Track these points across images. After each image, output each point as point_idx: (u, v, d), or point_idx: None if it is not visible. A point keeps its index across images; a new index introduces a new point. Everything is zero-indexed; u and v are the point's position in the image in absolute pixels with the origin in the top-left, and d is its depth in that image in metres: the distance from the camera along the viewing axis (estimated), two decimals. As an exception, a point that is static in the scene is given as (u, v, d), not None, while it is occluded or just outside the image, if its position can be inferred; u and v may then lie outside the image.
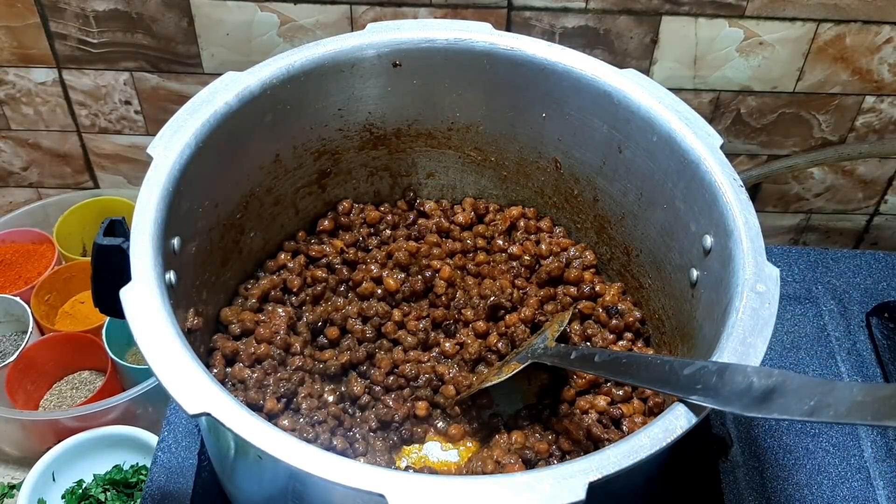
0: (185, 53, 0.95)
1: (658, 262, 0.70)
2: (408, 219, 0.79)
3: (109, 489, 0.97)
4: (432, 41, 0.68)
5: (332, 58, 0.67)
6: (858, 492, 0.73)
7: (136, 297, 0.51)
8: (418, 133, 0.76)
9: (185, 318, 0.61)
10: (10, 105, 1.02)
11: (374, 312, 0.72)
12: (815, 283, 0.89)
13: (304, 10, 0.90)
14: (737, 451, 0.75)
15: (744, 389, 0.45)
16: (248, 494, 0.62)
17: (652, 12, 0.89)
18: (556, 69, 0.67)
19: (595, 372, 0.58)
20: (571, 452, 0.64)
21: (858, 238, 1.12)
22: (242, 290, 0.72)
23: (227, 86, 0.63)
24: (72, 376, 1.08)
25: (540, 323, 0.71)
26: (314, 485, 0.50)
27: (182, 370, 0.48)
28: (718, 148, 0.62)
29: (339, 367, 0.69)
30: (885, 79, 0.95)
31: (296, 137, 0.71)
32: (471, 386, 0.68)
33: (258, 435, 0.46)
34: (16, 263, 1.10)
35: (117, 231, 0.56)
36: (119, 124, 1.04)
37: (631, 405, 0.67)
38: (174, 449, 0.73)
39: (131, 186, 1.12)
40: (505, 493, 0.44)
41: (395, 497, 0.44)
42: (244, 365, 0.66)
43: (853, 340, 0.84)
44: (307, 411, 0.65)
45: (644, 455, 0.46)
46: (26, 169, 1.11)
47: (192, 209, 0.62)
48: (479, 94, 0.72)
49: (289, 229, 0.76)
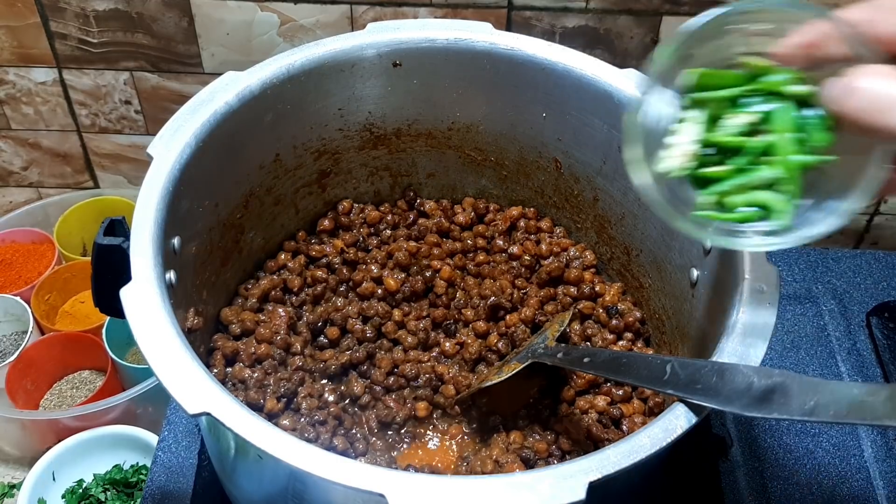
0: (186, 53, 0.95)
1: (658, 262, 0.70)
2: (408, 219, 0.79)
3: (109, 489, 0.97)
4: (432, 41, 0.68)
5: (332, 58, 0.67)
6: (858, 492, 0.73)
7: (136, 296, 0.51)
8: (418, 133, 0.76)
9: (186, 317, 0.61)
10: (11, 105, 1.02)
11: (374, 312, 0.72)
12: (815, 282, 0.89)
13: (305, 9, 0.90)
14: (737, 451, 0.75)
15: (744, 389, 0.45)
16: (248, 494, 0.62)
17: (652, 12, 0.89)
18: (556, 69, 0.67)
19: (595, 372, 0.58)
20: (571, 452, 0.64)
21: (859, 238, 1.12)
22: (242, 290, 0.72)
23: (227, 85, 0.63)
24: (72, 376, 1.09)
25: (540, 323, 0.71)
26: (314, 484, 0.50)
27: (182, 370, 0.48)
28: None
29: (339, 367, 0.69)
30: (886, 79, 0.95)
31: (296, 137, 0.71)
32: (470, 386, 0.68)
33: (258, 435, 0.46)
34: (16, 263, 1.10)
35: (117, 231, 0.56)
36: (119, 124, 1.04)
37: (631, 405, 0.67)
38: (174, 449, 0.73)
39: (131, 186, 1.12)
40: (505, 493, 0.44)
41: (395, 497, 0.44)
42: (244, 365, 0.66)
43: (853, 340, 0.84)
44: (307, 411, 0.65)
45: (644, 455, 0.46)
46: (26, 169, 1.11)
47: (193, 209, 0.62)
48: (479, 94, 0.72)
49: (289, 229, 0.76)
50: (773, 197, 0.44)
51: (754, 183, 0.44)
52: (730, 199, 0.44)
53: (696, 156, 0.45)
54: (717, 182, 0.45)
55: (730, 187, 0.44)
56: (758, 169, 0.44)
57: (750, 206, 0.44)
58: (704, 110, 0.45)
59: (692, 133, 0.44)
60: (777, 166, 0.43)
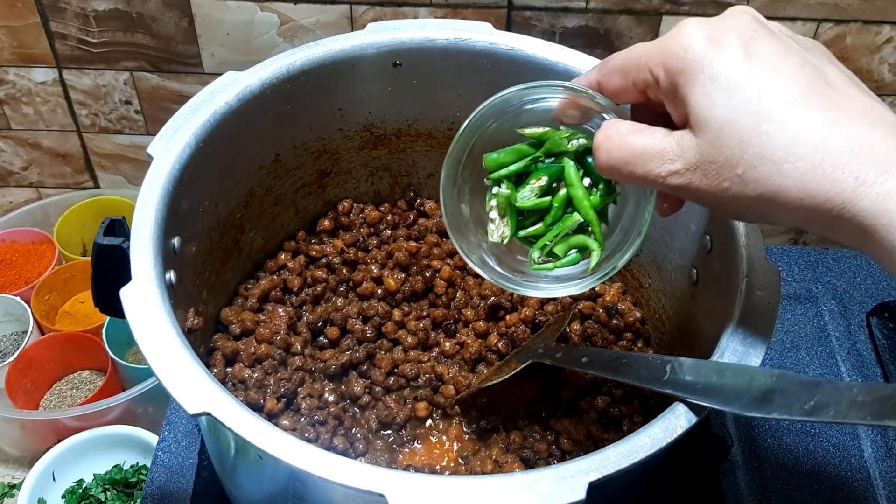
0: (186, 53, 0.95)
1: (658, 262, 0.70)
2: (408, 219, 0.79)
3: (109, 489, 0.97)
4: (432, 41, 0.68)
5: (332, 58, 0.67)
6: (858, 492, 0.73)
7: (136, 296, 0.51)
8: (418, 133, 0.76)
9: (186, 317, 0.61)
10: (11, 105, 1.02)
11: (374, 312, 0.72)
12: (815, 282, 0.89)
13: (305, 9, 0.90)
14: (737, 451, 0.75)
15: (744, 389, 0.45)
16: (249, 494, 0.62)
17: (652, 12, 0.89)
18: (556, 69, 0.67)
19: (595, 372, 0.58)
20: (571, 452, 0.64)
21: (858, 238, 1.12)
22: (242, 290, 0.72)
23: (227, 86, 0.63)
24: (72, 376, 1.09)
25: (540, 323, 0.71)
26: (314, 484, 0.50)
27: (182, 370, 0.48)
28: (718, 148, 0.62)
29: (339, 367, 0.69)
30: (886, 79, 0.95)
31: (296, 137, 0.71)
32: (470, 386, 0.68)
33: (258, 435, 0.46)
34: (16, 263, 1.10)
35: (117, 231, 0.56)
36: (119, 124, 1.04)
37: (631, 405, 0.67)
38: (174, 449, 0.73)
39: (131, 186, 1.12)
40: (505, 493, 0.44)
41: (395, 497, 0.44)
42: (244, 365, 0.66)
43: (853, 340, 0.84)
44: (307, 411, 0.65)
45: (644, 455, 0.46)
46: (26, 169, 1.11)
47: (193, 209, 0.62)
48: (479, 93, 0.71)
49: (289, 229, 0.76)
50: (586, 238, 0.51)
51: (567, 229, 0.50)
52: (556, 248, 0.51)
53: (514, 223, 0.52)
54: (540, 237, 0.52)
55: (550, 240, 0.51)
56: (567, 219, 0.50)
57: (571, 251, 0.52)
58: (504, 185, 0.51)
59: (502, 205, 0.51)
60: (580, 213, 0.50)
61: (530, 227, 0.52)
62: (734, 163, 0.40)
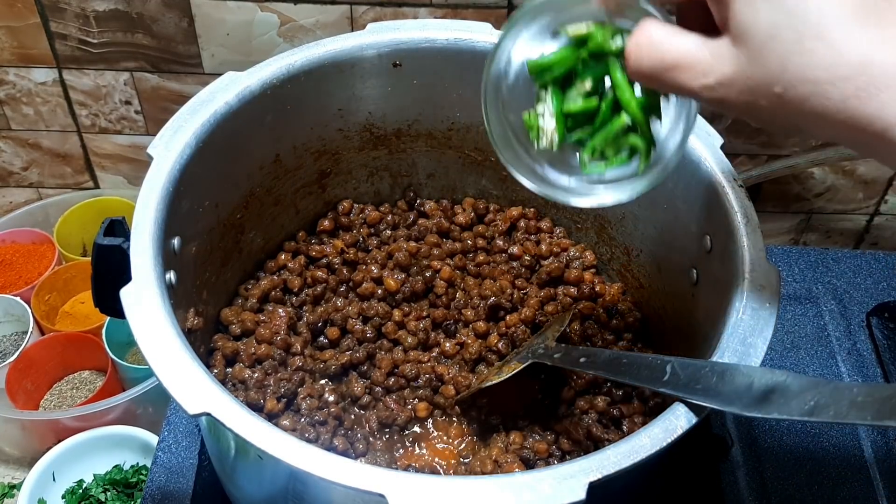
0: (186, 53, 0.95)
1: (658, 262, 0.70)
2: (408, 219, 0.79)
3: (109, 489, 0.97)
4: (432, 41, 0.68)
5: (332, 58, 0.67)
6: (858, 492, 0.73)
7: (136, 297, 0.51)
8: (418, 133, 0.76)
9: (186, 318, 0.61)
10: (11, 105, 1.02)
11: (374, 313, 0.72)
12: (815, 283, 0.89)
13: (305, 10, 0.90)
14: (737, 451, 0.75)
15: (744, 389, 0.45)
16: (249, 494, 0.62)
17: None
18: (557, 69, 0.67)
19: (595, 372, 0.58)
20: (571, 452, 0.64)
21: (859, 238, 1.12)
22: (242, 291, 0.72)
23: (227, 86, 0.63)
24: (72, 376, 1.08)
25: (540, 323, 0.71)
26: (314, 485, 0.50)
27: (182, 370, 0.48)
28: (719, 148, 0.62)
29: (339, 368, 0.69)
30: None
31: (296, 137, 0.71)
32: (470, 386, 0.68)
33: (258, 435, 0.46)
34: (16, 263, 1.10)
35: (117, 231, 0.56)
36: (119, 124, 1.04)
37: (631, 405, 0.67)
38: (174, 449, 0.73)
39: (131, 186, 1.12)
40: (505, 493, 0.44)
41: (395, 497, 0.44)
42: (244, 365, 0.66)
43: (853, 340, 0.84)
44: (307, 411, 0.65)
45: (644, 455, 0.46)
46: (26, 169, 1.11)
47: (193, 209, 0.62)
48: (479, 94, 0.72)
49: (289, 229, 0.76)
50: (636, 138, 0.48)
51: (616, 131, 0.48)
52: (606, 150, 0.49)
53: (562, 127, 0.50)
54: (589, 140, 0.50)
55: (600, 142, 0.49)
56: (616, 120, 0.48)
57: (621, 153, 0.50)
58: (550, 90, 0.49)
59: (550, 110, 0.49)
60: (627, 113, 0.48)
61: (579, 130, 0.50)
62: (772, 80, 0.38)
